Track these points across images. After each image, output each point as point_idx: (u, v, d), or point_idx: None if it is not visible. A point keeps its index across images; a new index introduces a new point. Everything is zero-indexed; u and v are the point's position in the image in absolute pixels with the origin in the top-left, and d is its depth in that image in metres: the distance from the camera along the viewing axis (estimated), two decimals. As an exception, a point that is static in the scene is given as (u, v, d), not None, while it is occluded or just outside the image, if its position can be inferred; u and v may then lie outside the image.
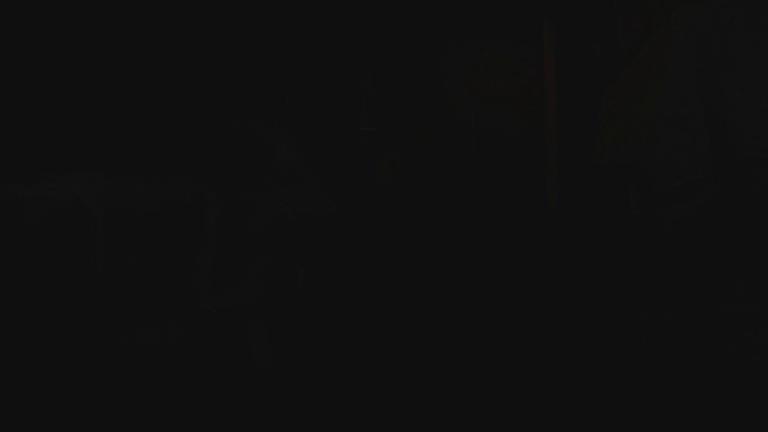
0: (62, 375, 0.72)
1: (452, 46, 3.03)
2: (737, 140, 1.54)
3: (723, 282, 1.58)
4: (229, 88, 1.35)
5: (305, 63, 3.05)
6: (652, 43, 1.84)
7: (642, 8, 1.95)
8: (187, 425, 1.07)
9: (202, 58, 1.31)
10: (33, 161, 0.78)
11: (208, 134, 1.13)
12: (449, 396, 2.60)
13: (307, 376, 1.94)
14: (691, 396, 1.54)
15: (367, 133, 2.97)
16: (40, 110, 0.79)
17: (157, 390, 0.98)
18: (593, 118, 2.71)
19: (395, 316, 3.01)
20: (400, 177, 3.00)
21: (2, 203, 0.53)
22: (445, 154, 3.01)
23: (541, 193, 2.93)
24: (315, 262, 1.72)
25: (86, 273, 0.64)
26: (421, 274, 3.03)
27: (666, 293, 2.02)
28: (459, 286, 2.97)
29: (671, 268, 1.97)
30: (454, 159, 3.00)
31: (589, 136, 2.77)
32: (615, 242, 2.86)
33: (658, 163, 1.63)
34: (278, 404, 1.69)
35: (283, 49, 1.52)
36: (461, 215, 2.95)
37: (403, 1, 3.06)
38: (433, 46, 3.08)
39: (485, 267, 2.93)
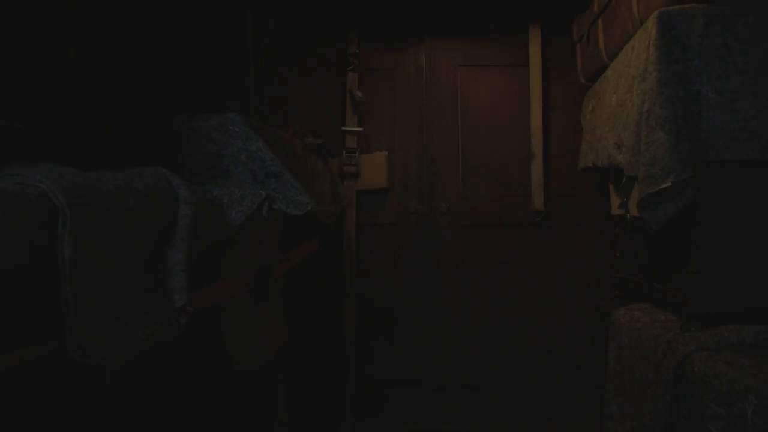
0: (29, 372, 0.71)
1: (439, 46, 3.03)
2: (712, 142, 1.57)
3: (702, 281, 1.60)
4: (208, 84, 1.34)
5: (284, 62, 3.03)
6: (631, 45, 1.86)
7: (621, 10, 1.97)
8: (160, 424, 1.06)
9: (180, 50, 1.30)
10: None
11: (185, 129, 1.12)
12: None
13: (286, 375, 1.94)
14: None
15: (351, 133, 2.96)
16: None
17: (130, 387, 0.97)
18: (578, 121, 2.73)
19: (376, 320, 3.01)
20: (385, 176, 2.99)
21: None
22: (430, 155, 3.01)
23: (526, 196, 2.93)
24: (294, 261, 1.71)
25: (53, 270, 0.63)
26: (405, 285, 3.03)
27: (644, 292, 2.05)
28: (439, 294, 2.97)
29: (650, 267, 1.99)
30: (440, 159, 3.00)
31: (574, 138, 2.79)
32: (598, 244, 2.89)
33: (640, 165, 1.64)
34: (256, 401, 1.68)
35: (263, 47, 1.52)
36: (446, 218, 2.96)
37: (389, 1, 3.07)
38: (419, 47, 3.09)
39: (470, 275, 2.94)
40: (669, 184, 1.54)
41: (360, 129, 2.96)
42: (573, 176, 2.85)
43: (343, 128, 2.95)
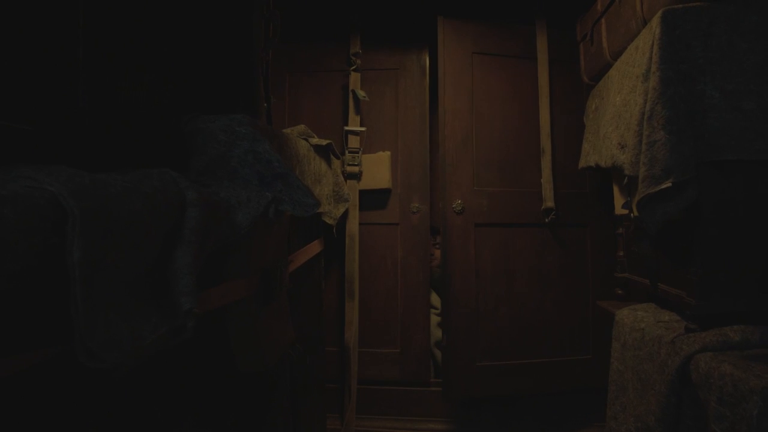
0: (37, 377, 0.71)
1: (451, 31, 2.99)
2: (717, 142, 1.56)
3: (707, 281, 1.59)
4: (216, 85, 1.34)
5: (285, 63, 3.03)
6: (635, 45, 1.86)
7: (625, 9, 1.96)
8: (168, 426, 1.06)
9: (188, 51, 1.29)
10: (4, 156, 0.76)
11: (191, 130, 1.12)
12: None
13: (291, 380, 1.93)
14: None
15: (354, 133, 2.96)
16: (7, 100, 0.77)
17: (138, 390, 0.97)
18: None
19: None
20: (388, 176, 2.99)
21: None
22: (445, 147, 2.99)
23: (538, 193, 2.90)
24: (299, 262, 1.71)
25: (63, 272, 0.63)
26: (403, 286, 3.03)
27: (648, 292, 2.05)
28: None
29: (654, 267, 1.99)
30: (452, 153, 2.98)
31: (582, 135, 2.77)
32: (606, 243, 2.88)
33: (641, 165, 1.64)
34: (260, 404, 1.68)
35: (270, 48, 1.53)
36: (458, 217, 2.95)
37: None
38: (423, 45, 3.08)
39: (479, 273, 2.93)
40: (669, 184, 1.53)
41: (363, 129, 2.95)
42: (582, 173, 2.83)
43: (346, 128, 2.95)
